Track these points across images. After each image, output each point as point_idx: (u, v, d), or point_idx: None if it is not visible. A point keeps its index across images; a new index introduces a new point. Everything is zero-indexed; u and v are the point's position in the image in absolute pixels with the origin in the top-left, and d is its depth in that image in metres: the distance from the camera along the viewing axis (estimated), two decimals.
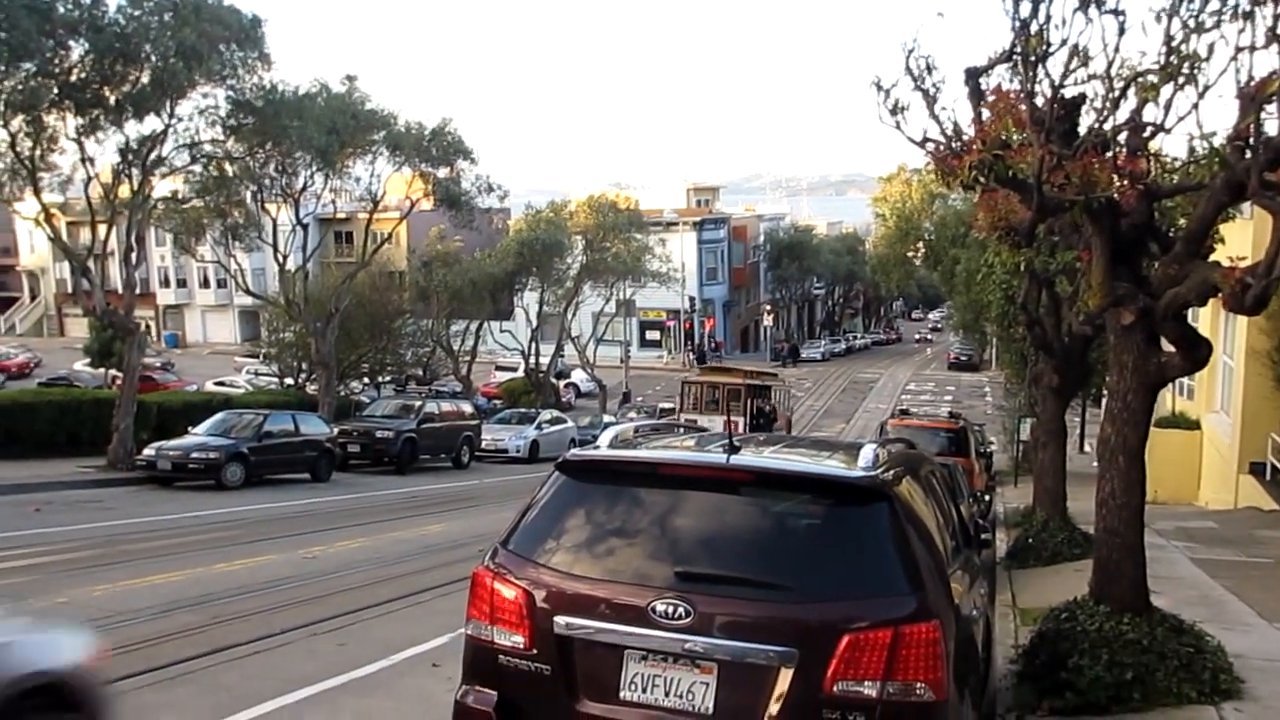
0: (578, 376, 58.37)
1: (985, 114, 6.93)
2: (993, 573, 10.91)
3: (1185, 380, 21.49)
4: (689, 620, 4.06)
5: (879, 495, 4.33)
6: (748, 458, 4.63)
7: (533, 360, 49.71)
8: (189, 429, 23.49)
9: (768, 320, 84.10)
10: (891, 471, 4.61)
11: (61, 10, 22.28)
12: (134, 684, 7.40)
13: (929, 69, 6.92)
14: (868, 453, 4.62)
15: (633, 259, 51.52)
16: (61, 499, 18.57)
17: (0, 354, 63.47)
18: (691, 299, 73.62)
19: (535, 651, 4.32)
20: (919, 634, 3.99)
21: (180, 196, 29.62)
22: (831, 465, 4.79)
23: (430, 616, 9.95)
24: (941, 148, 7.00)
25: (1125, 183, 6.58)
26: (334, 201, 34.99)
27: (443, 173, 33.91)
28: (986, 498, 17.41)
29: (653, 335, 76.39)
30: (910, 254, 53.17)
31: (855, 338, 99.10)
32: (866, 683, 3.94)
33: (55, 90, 23.15)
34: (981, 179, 6.74)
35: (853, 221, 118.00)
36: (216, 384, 48.49)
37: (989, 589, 7.57)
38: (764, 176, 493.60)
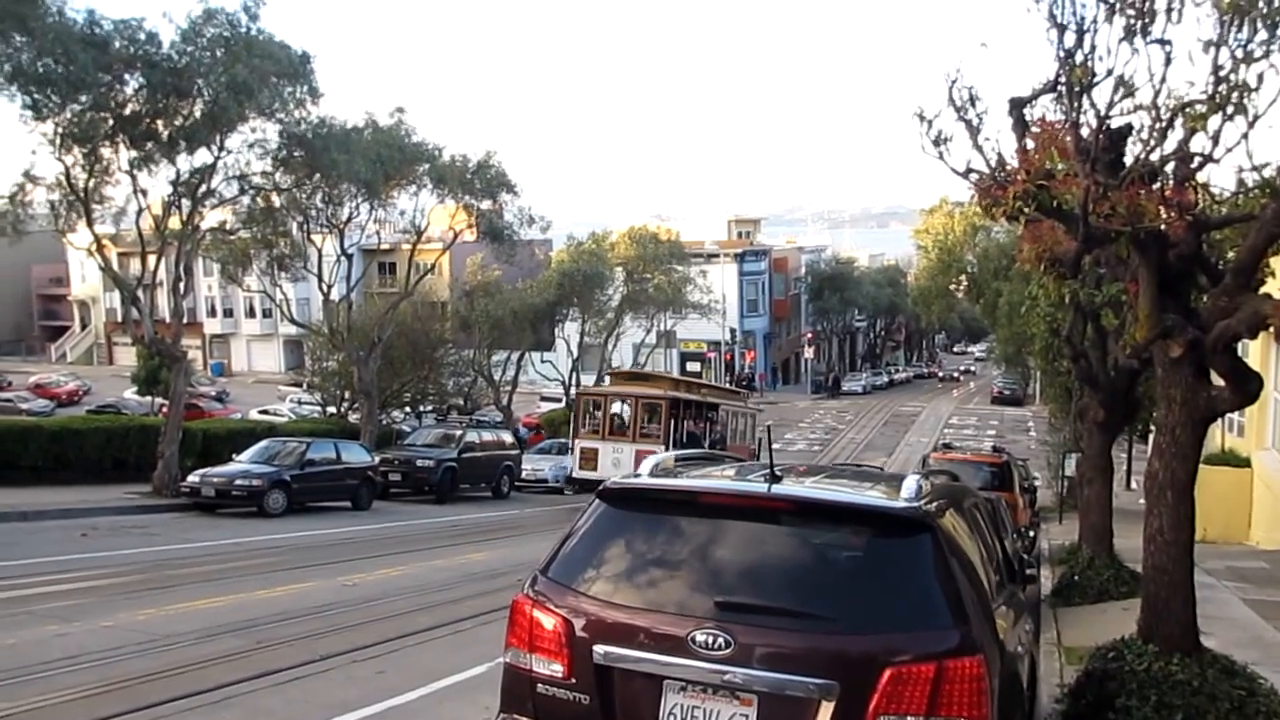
0: (618, 408, 58.07)
1: (1029, 144, 6.89)
2: (1037, 610, 10.76)
3: (1235, 416, 21.08)
4: (729, 651, 4.03)
5: (922, 527, 4.28)
6: (789, 487, 4.60)
7: (573, 391, 49.77)
8: (233, 456, 23.75)
9: (808, 352, 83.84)
10: (935, 503, 4.56)
11: (117, 45, 22.82)
12: (179, 707, 7.47)
13: (972, 100, 6.89)
14: (911, 484, 4.58)
15: (673, 290, 51.61)
16: (108, 524, 18.82)
17: (50, 381, 64.67)
18: (732, 331, 73.55)
19: (574, 680, 4.30)
20: (963, 669, 3.93)
21: (228, 227, 30.14)
22: (874, 496, 4.75)
23: (469, 645, 9.95)
24: (985, 178, 6.97)
25: (1173, 214, 6.50)
26: (378, 233, 35.47)
27: (486, 205, 34.25)
28: (1031, 533, 17.14)
29: (693, 367, 76.25)
30: (952, 286, 52.73)
31: (896, 370, 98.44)
32: (909, 718, 3.88)
33: (110, 123, 23.69)
34: (1026, 210, 6.69)
35: (894, 254, 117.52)
36: (260, 412, 49.05)
37: (1034, 626, 7.46)
38: (805, 208, 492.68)
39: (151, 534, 18.10)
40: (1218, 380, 6.96)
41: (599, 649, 4.25)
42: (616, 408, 28.20)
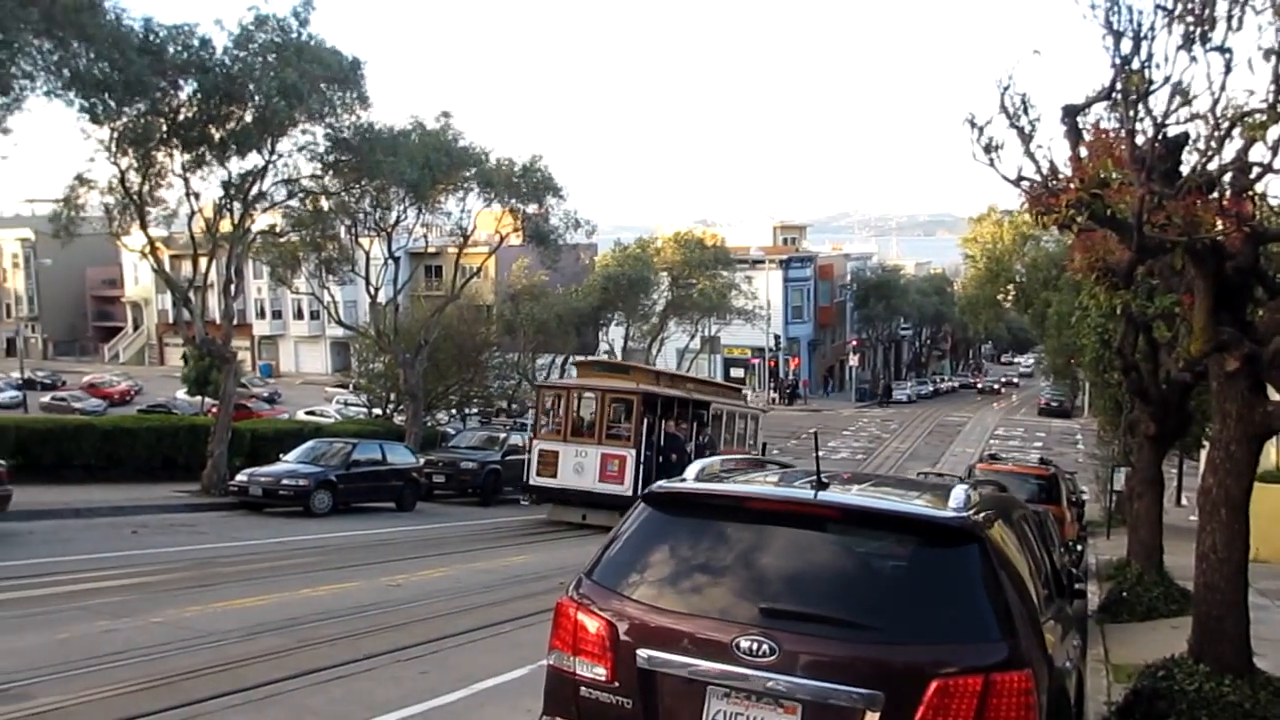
0: (582, 404, 57.47)
1: (1083, 152, 6.80)
2: (1084, 625, 10.59)
3: None
4: (773, 658, 4.01)
5: (970, 537, 4.23)
6: (836, 494, 4.56)
7: None
8: (280, 457, 24.02)
9: (853, 360, 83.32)
10: (983, 513, 4.51)
11: (172, 51, 23.22)
12: (224, 704, 7.56)
13: (1025, 106, 6.81)
14: (959, 493, 4.52)
15: (718, 296, 51.59)
16: (157, 521, 19.11)
17: (103, 381, 65.92)
18: (776, 337, 73.28)
19: (617, 684, 4.29)
20: (1011, 683, 3.87)
21: (278, 230, 30.56)
22: (921, 505, 4.70)
23: (511, 648, 9.97)
24: (1037, 186, 6.88)
25: (1230, 225, 6.38)
26: (425, 236, 35.76)
27: (532, 209, 34.40)
28: (1078, 548, 16.89)
29: (737, 373, 76.08)
30: (1000, 296, 52.16)
31: (942, 380, 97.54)
32: None
33: (164, 127, 24.11)
34: (1079, 218, 6.60)
35: (941, 262, 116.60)
36: (307, 413, 49.60)
37: (1081, 642, 7.35)
38: (851, 215, 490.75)
39: (199, 532, 18.36)
40: (1274, 395, 6.83)
41: (643, 653, 4.24)
42: (581, 404, 24.14)
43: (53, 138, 28.59)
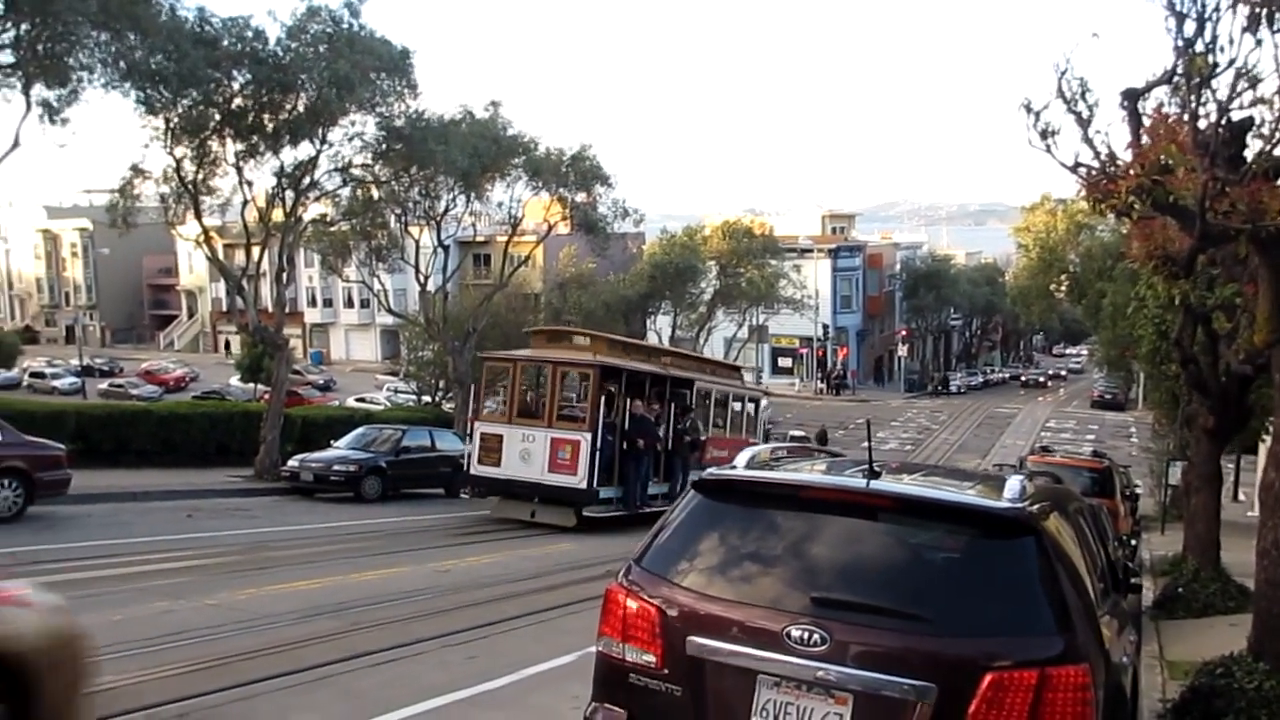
0: (531, 379, 56.69)
1: (1144, 138, 6.67)
2: (1139, 621, 10.42)
3: None
4: (824, 648, 3.97)
5: (1026, 529, 4.16)
6: (889, 484, 4.51)
7: None
8: (331, 443, 24.30)
9: (902, 350, 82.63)
10: (1039, 505, 4.43)
11: (225, 43, 23.55)
12: (276, 685, 7.67)
13: (1083, 91, 6.69)
14: (1014, 484, 4.45)
15: (766, 285, 51.36)
16: (211, 506, 19.42)
17: (159, 368, 67.17)
18: (825, 327, 72.85)
19: (666, 671, 4.28)
20: (1068, 677, 3.81)
21: (329, 219, 30.89)
22: (976, 495, 4.62)
23: (556, 635, 10.01)
24: (1095, 173, 6.76)
25: None
26: (474, 225, 35.99)
27: (580, 197, 34.44)
28: (1132, 543, 16.61)
29: (785, 363, 75.85)
30: (1053, 286, 51.48)
31: (992, 371, 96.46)
32: None
33: (218, 118, 24.48)
34: (1138, 205, 6.49)
35: (992, 252, 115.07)
36: (357, 400, 50.18)
37: (1137, 638, 7.22)
38: (901, 204, 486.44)
39: (252, 516, 18.63)
40: None
41: (692, 640, 4.22)
42: (529, 378, 20.66)
43: (109, 129, 29.11)
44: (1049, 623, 3.95)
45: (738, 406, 25.81)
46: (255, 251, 26.95)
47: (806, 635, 4.00)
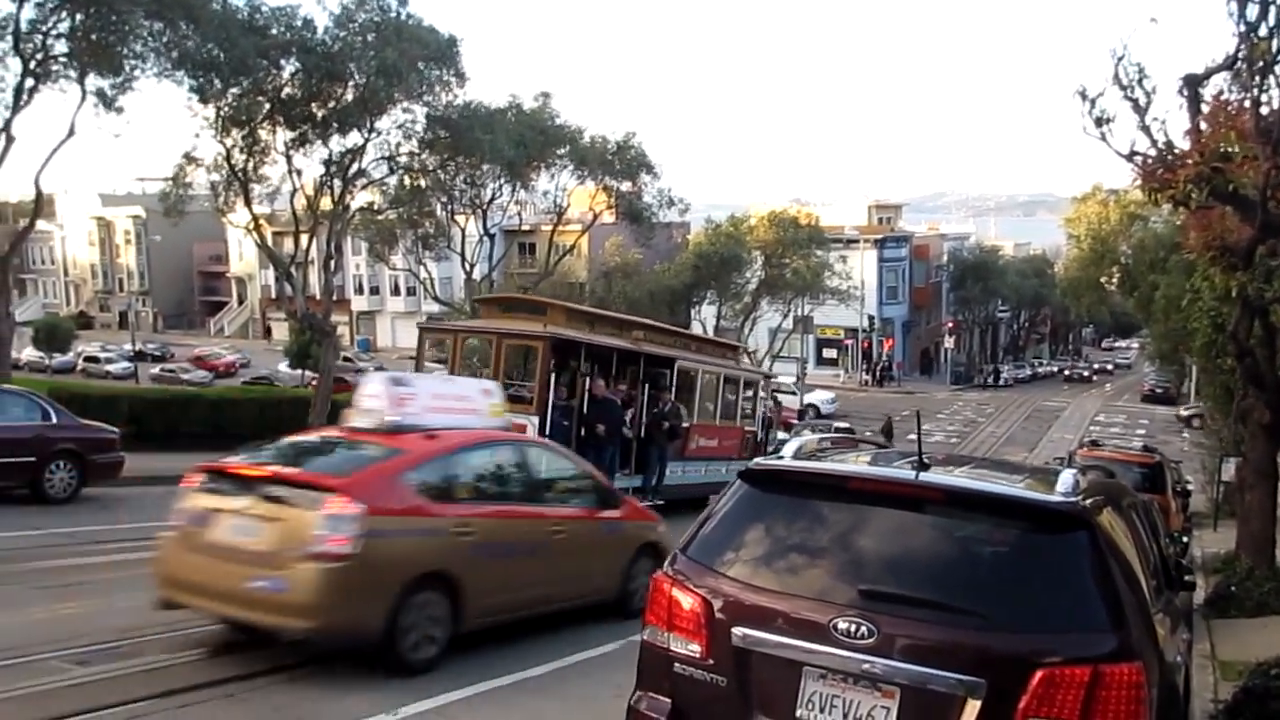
0: (820, 397, 55.55)
1: (1203, 125, 6.53)
2: (1190, 620, 10.24)
3: None
4: (872, 640, 3.93)
5: (1080, 523, 4.09)
6: (938, 476, 4.45)
7: None
8: None
9: (948, 342, 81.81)
10: (1092, 499, 4.36)
11: (275, 32, 23.81)
12: (323, 666, 7.73)
13: (1140, 77, 6.57)
14: (1067, 478, 4.37)
15: (812, 275, 51.02)
16: None
17: (209, 354, 68.21)
18: (871, 318, 72.32)
19: (712, 661, 4.26)
20: (1121, 675, 3.74)
21: (376, 207, 31.15)
22: (1028, 488, 4.55)
23: (598, 624, 10.01)
24: (1152, 161, 6.64)
25: None
26: (519, 213, 36.09)
27: (625, 187, 34.48)
28: (1184, 539, 16.34)
29: (830, 354, 75.37)
30: (1104, 279, 50.67)
31: (1041, 364, 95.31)
32: None
33: (268, 106, 24.75)
34: (1196, 195, 6.36)
35: (1041, 243, 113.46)
36: None
37: (1189, 637, 7.10)
38: (948, 195, 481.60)
39: None
40: None
41: (738, 631, 4.20)
42: (472, 353, 18.80)
43: (161, 118, 29.55)
44: (1102, 619, 3.88)
45: (729, 390, 22.39)
46: (304, 239, 27.25)
47: (854, 628, 3.96)
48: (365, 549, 7.17)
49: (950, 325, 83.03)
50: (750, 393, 23.41)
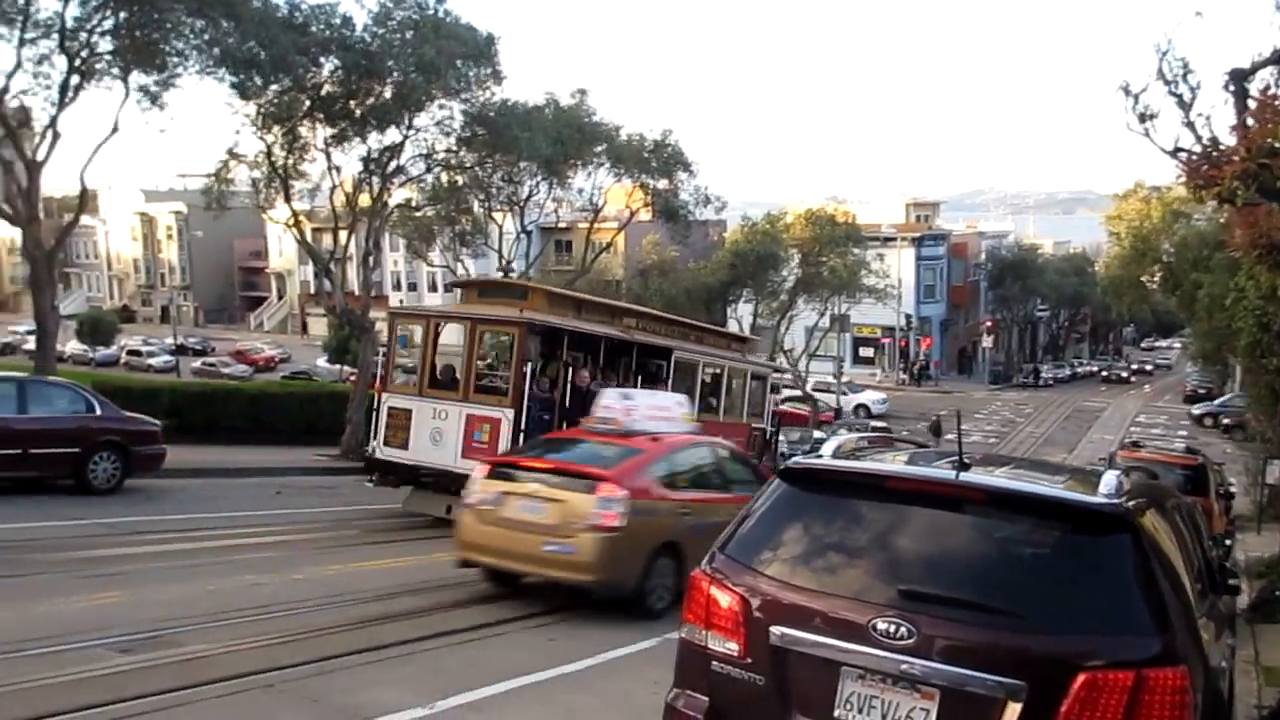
0: (871, 397, 56.16)
1: (1250, 120, 6.41)
2: (1234, 624, 10.10)
3: None
4: (911, 641, 3.90)
5: (1123, 525, 4.04)
6: (979, 476, 4.41)
7: None
8: None
9: (986, 341, 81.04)
10: (1136, 501, 4.30)
11: (314, 29, 24.01)
12: (361, 659, 7.83)
13: (1185, 72, 6.47)
14: (1110, 479, 4.32)
15: (848, 274, 50.65)
16: (298, 483, 19.85)
17: (249, 348, 68.91)
18: (908, 316, 71.81)
19: (749, 660, 4.25)
20: (1165, 680, 3.69)
21: (414, 204, 31.34)
22: (1070, 489, 4.50)
23: (635, 621, 10.02)
24: (1197, 158, 6.54)
25: None
26: (556, 211, 36.15)
27: (662, 184, 34.44)
28: (1227, 543, 16.09)
29: (866, 352, 74.92)
30: (1145, 277, 49.99)
31: (1080, 363, 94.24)
32: None
33: (307, 103, 24.96)
34: (1242, 191, 6.24)
35: (1081, 241, 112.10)
36: None
37: (1233, 641, 7.00)
38: (987, 193, 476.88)
39: (338, 494, 19.00)
40: None
41: (775, 630, 4.18)
42: (445, 340, 17.23)
43: (203, 115, 29.89)
44: (1145, 623, 3.83)
45: (736, 384, 21.17)
46: (343, 235, 27.44)
47: (893, 628, 3.93)
48: (628, 523, 9.60)
49: (988, 324, 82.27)
50: (757, 386, 22.09)
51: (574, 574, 9.70)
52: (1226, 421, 51.92)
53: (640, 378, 17.72)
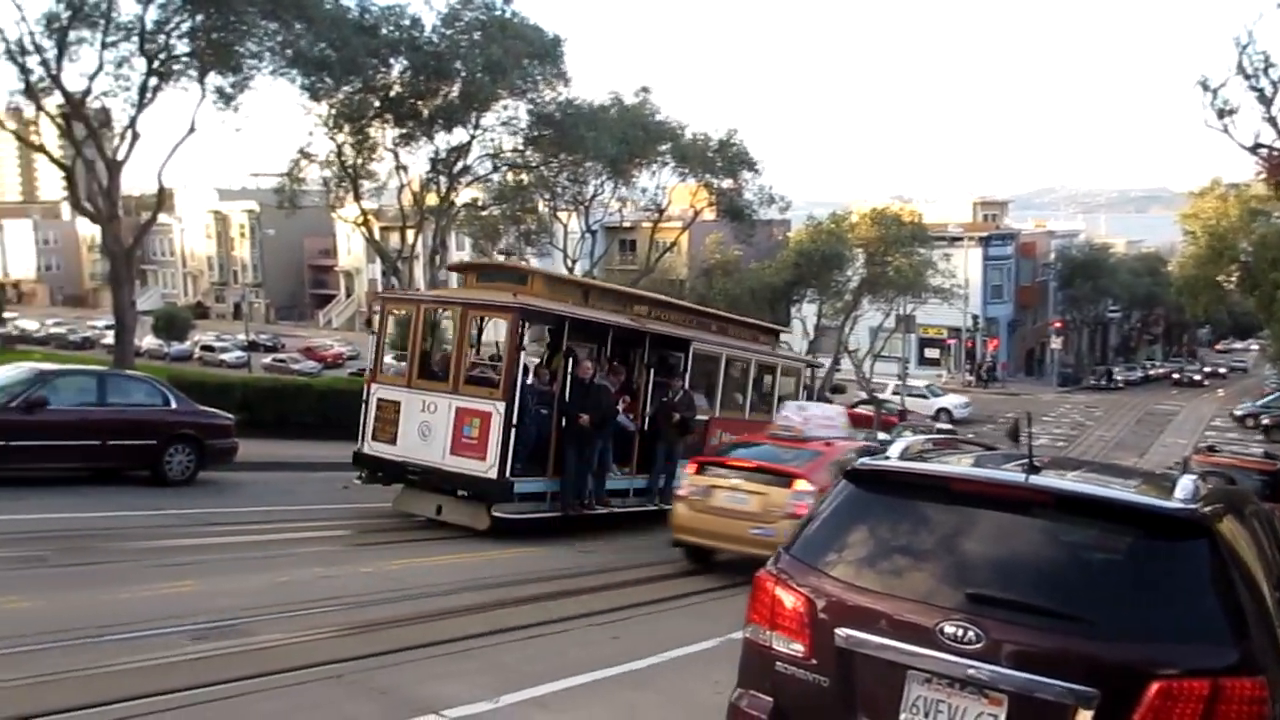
0: (952, 400, 55.72)
1: None
2: None
3: None
4: (979, 645, 3.85)
5: (1200, 531, 3.94)
6: (1049, 479, 4.34)
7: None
8: None
9: (1055, 343, 79.60)
10: (1213, 506, 4.20)
11: (384, 30, 24.40)
12: (425, 653, 7.94)
13: (1266, 66, 6.30)
14: (1186, 483, 4.23)
15: (914, 274, 50.13)
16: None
17: (319, 345, 70.17)
18: (974, 317, 70.82)
19: (815, 662, 4.22)
20: (1242, 690, 3.59)
21: (480, 203, 31.67)
22: (1144, 494, 4.41)
23: (700, 619, 10.04)
24: (1277, 154, 6.36)
25: None
26: (620, 210, 36.25)
27: (726, 184, 34.42)
28: None
29: (932, 354, 74.04)
30: (1222, 277, 48.73)
31: (1153, 365, 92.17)
32: None
33: (377, 104, 25.37)
34: None
35: (1155, 241, 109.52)
36: None
37: None
38: (1056, 191, 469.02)
39: None
40: None
41: (841, 632, 4.15)
42: (437, 327, 16.64)
43: (274, 116, 30.45)
44: (1222, 631, 3.74)
45: (768, 380, 19.83)
46: (410, 234, 27.83)
47: (960, 632, 3.89)
48: None
49: (1057, 325, 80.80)
50: (791, 382, 20.76)
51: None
52: (1266, 422, 51.24)
53: (653, 370, 16.49)
